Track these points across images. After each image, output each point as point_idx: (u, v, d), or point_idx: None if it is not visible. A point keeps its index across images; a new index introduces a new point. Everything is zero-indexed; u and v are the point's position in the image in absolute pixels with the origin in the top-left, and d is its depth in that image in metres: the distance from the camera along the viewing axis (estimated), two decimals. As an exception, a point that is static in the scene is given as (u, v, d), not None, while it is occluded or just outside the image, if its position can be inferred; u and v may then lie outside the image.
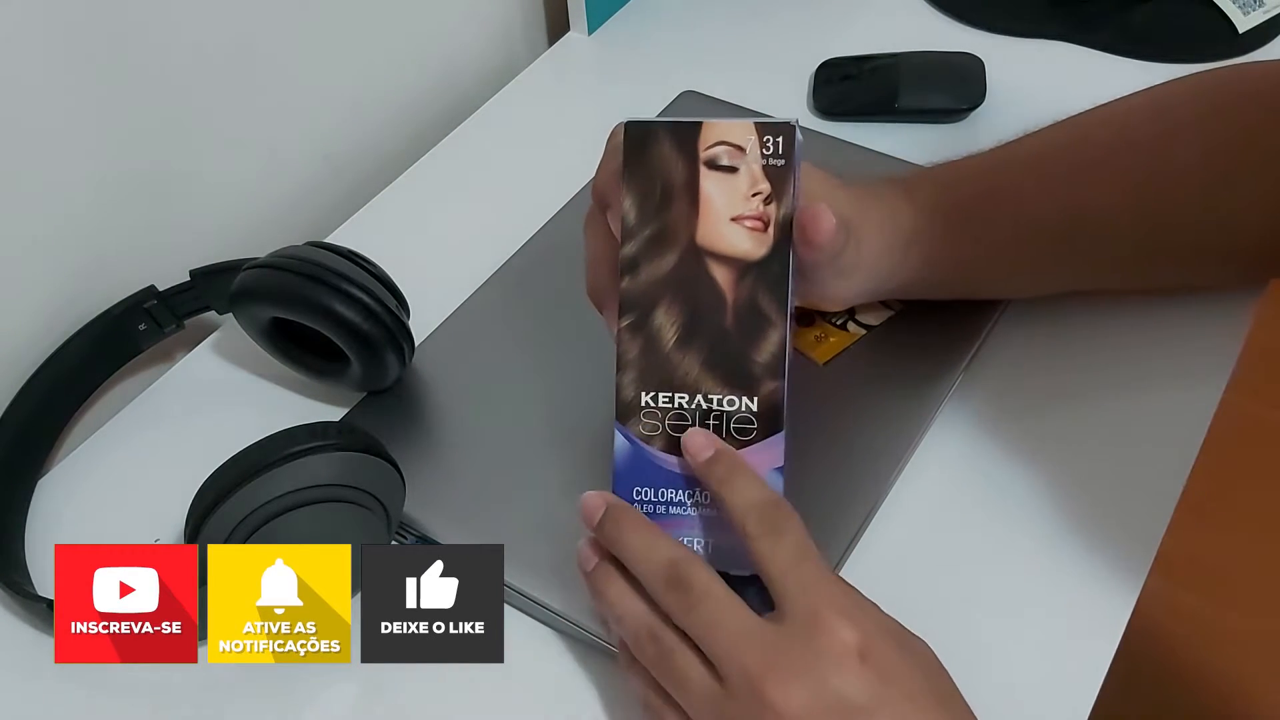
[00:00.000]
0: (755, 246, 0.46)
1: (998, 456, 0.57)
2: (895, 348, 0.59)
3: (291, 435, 0.49)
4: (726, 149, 0.46)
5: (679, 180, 0.47)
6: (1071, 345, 0.60)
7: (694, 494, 0.47)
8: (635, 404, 0.47)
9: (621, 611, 0.46)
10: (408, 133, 0.79)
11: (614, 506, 0.47)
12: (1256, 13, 0.78)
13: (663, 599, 0.44)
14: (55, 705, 0.51)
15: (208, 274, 0.61)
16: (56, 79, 0.57)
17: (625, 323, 0.47)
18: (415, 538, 0.54)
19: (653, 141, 0.47)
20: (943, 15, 0.82)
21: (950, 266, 0.56)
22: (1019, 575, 0.52)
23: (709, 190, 0.46)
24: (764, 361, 0.46)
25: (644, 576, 0.45)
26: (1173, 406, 0.58)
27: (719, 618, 0.43)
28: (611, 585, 0.46)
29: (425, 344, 0.61)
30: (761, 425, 0.46)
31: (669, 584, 0.44)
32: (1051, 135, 0.56)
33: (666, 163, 0.47)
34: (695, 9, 0.85)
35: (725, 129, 0.46)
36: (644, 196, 0.47)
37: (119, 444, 0.61)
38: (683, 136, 0.47)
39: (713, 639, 0.43)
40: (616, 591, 0.46)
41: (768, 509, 0.44)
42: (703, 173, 0.46)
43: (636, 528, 0.46)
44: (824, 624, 0.41)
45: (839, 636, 0.41)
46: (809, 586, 0.43)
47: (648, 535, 0.46)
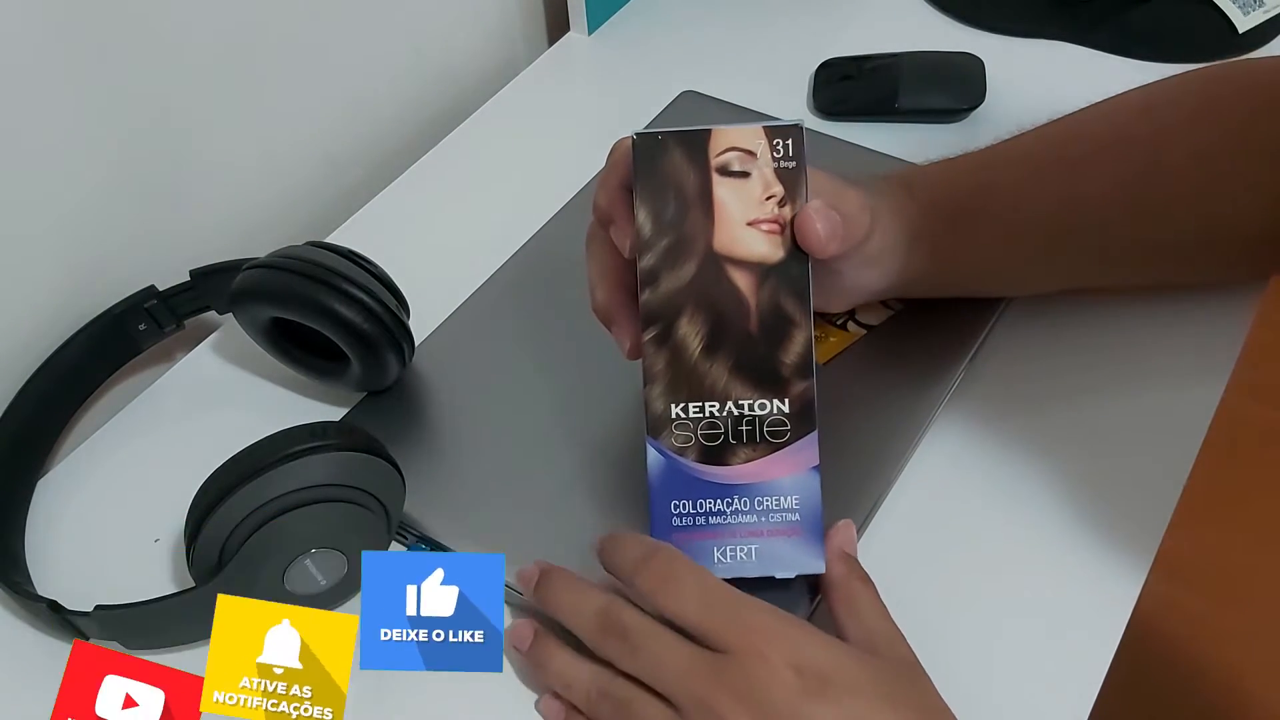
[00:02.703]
0: (773, 249, 0.46)
1: (998, 456, 0.57)
2: (895, 348, 0.59)
3: (291, 435, 0.49)
4: (737, 154, 0.46)
5: (692, 189, 0.46)
6: (1071, 345, 0.60)
7: (733, 502, 0.47)
8: (666, 416, 0.47)
9: (570, 678, 0.47)
10: (408, 133, 0.79)
11: (546, 570, 0.49)
12: (1256, 13, 0.78)
13: (603, 649, 0.46)
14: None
15: (208, 274, 0.61)
16: (56, 79, 0.57)
17: (649, 335, 0.47)
18: (415, 538, 0.54)
19: (662, 152, 0.47)
20: (943, 15, 0.82)
21: (950, 263, 0.56)
22: (1019, 575, 0.52)
23: (723, 197, 0.46)
24: (792, 362, 0.46)
25: (581, 630, 0.46)
26: (1173, 406, 0.58)
27: (661, 656, 0.44)
28: (554, 656, 0.48)
29: (425, 344, 0.61)
30: (795, 426, 0.47)
31: (605, 631, 0.46)
32: (1046, 132, 0.57)
33: (678, 172, 0.47)
34: (695, 9, 0.85)
35: (735, 135, 0.46)
36: (658, 208, 0.47)
37: (119, 444, 0.61)
38: (692, 145, 0.47)
39: (660, 676, 0.44)
40: (561, 661, 0.47)
41: (654, 563, 0.45)
42: (715, 180, 0.46)
43: (567, 585, 0.48)
44: (757, 653, 0.43)
45: (771, 662, 0.43)
46: (730, 621, 0.44)
47: (577, 589, 0.48)
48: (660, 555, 0.46)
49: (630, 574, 0.46)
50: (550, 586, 0.48)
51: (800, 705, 0.42)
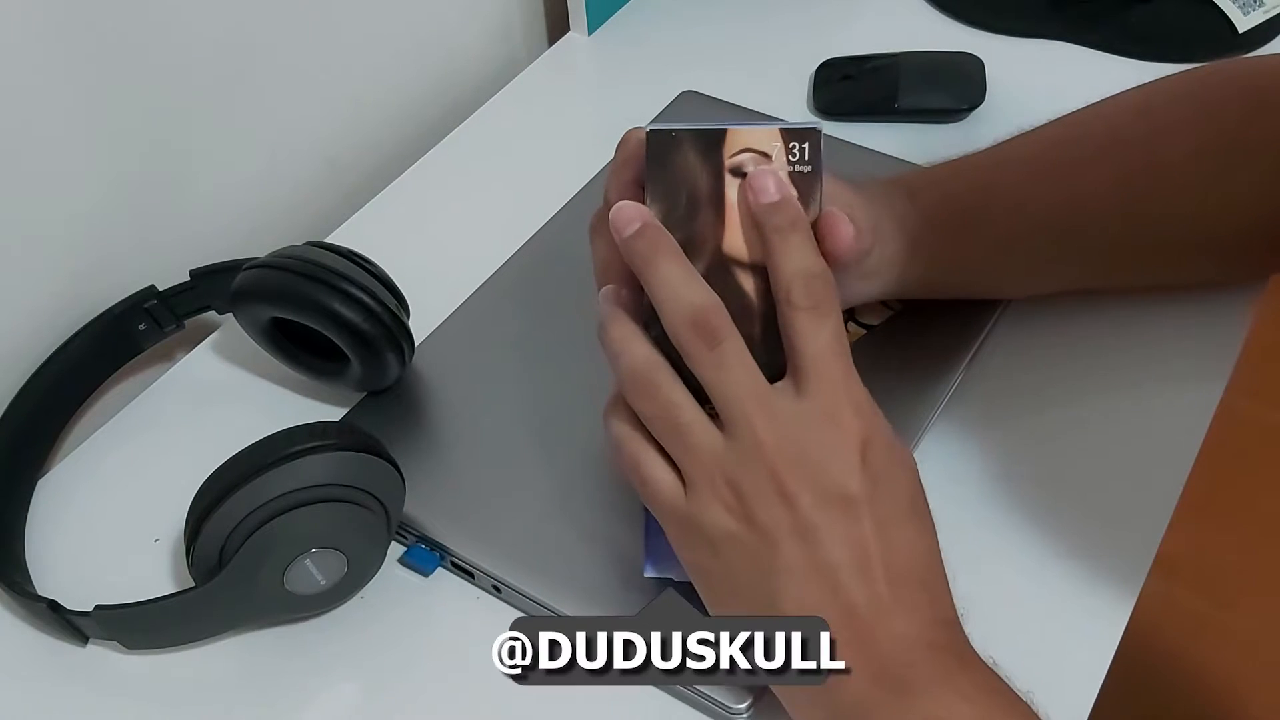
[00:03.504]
0: None
1: (997, 456, 0.57)
2: (895, 348, 0.59)
3: (291, 435, 0.49)
4: (752, 156, 0.46)
5: (704, 189, 0.46)
6: (1071, 345, 0.60)
7: None
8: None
9: (623, 346, 0.44)
10: (408, 133, 0.79)
11: (651, 225, 0.45)
12: (1256, 13, 0.78)
13: (682, 337, 0.43)
14: (56, 705, 0.51)
15: (208, 274, 0.61)
16: (57, 79, 0.57)
17: (653, 334, 0.46)
18: (415, 538, 0.54)
19: (676, 149, 0.46)
20: (943, 15, 0.82)
21: (952, 266, 0.56)
22: (1019, 575, 0.52)
23: (735, 199, 0.46)
24: None
25: (668, 308, 0.43)
26: (1173, 406, 0.58)
27: (740, 376, 0.43)
28: (618, 323, 0.45)
29: (425, 344, 0.61)
30: None
31: (696, 325, 0.43)
32: (1045, 133, 0.57)
33: (691, 171, 0.46)
34: (695, 9, 0.85)
35: (750, 136, 0.46)
36: (668, 206, 0.46)
37: (119, 444, 0.61)
38: (707, 144, 0.46)
39: (730, 394, 0.42)
40: (626, 328, 0.45)
41: (816, 283, 0.43)
42: (728, 181, 0.46)
43: (672, 256, 0.44)
44: (839, 420, 0.42)
45: (848, 434, 0.42)
46: (836, 379, 0.43)
47: (683, 269, 0.44)
48: (826, 278, 0.44)
49: (791, 275, 0.43)
50: (655, 247, 0.44)
51: (832, 500, 0.42)
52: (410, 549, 0.54)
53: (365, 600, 0.53)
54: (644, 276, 0.44)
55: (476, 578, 0.53)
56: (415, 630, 0.52)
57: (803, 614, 0.41)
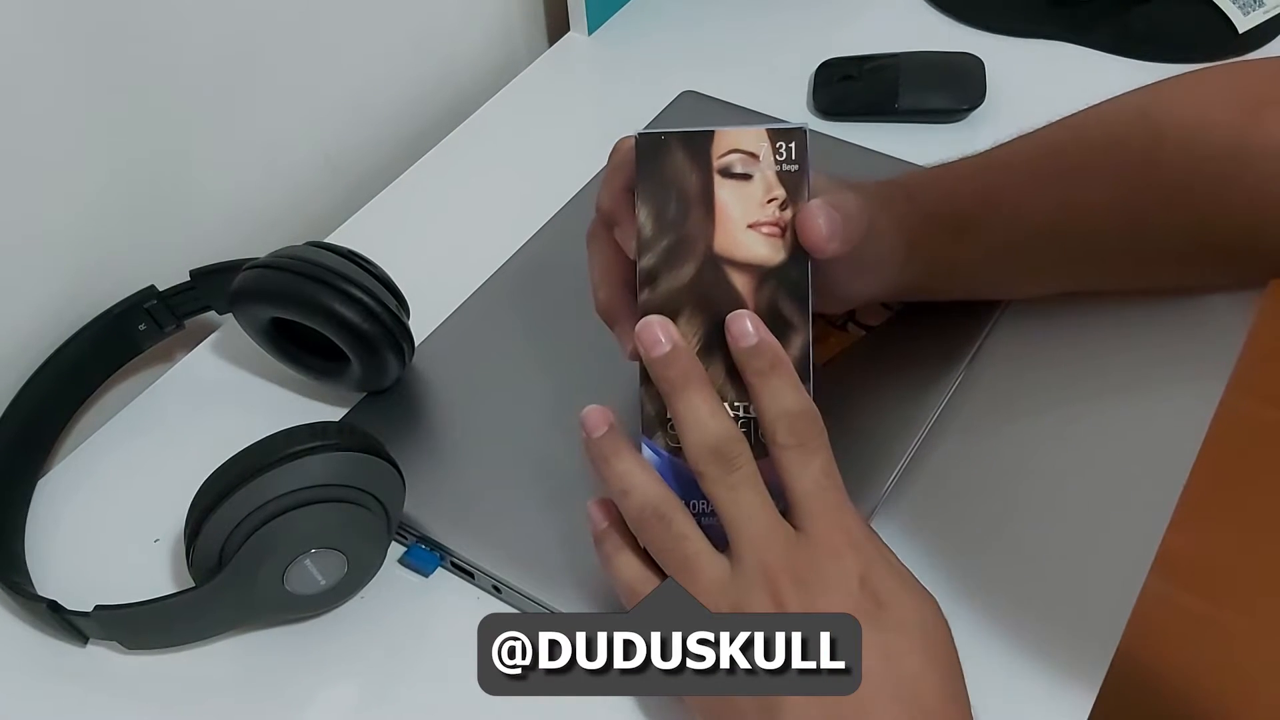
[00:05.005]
0: (773, 252, 0.46)
1: (997, 456, 0.57)
2: (895, 348, 0.59)
3: (291, 435, 0.49)
4: (740, 156, 0.46)
5: (694, 190, 0.46)
6: (1071, 345, 0.60)
7: None
8: (660, 416, 0.47)
9: (631, 484, 0.45)
10: (408, 133, 0.79)
11: (681, 351, 0.45)
12: (1256, 13, 0.78)
13: (702, 462, 0.44)
14: (56, 705, 0.51)
15: (208, 274, 0.61)
16: (57, 79, 0.57)
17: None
18: (415, 538, 0.54)
19: (665, 152, 0.47)
20: (943, 15, 0.82)
21: (950, 268, 0.56)
22: (1019, 575, 0.52)
23: (724, 199, 0.46)
24: None
25: (692, 436, 0.45)
26: (1173, 406, 0.58)
27: (751, 499, 0.44)
28: (621, 455, 0.46)
29: (425, 344, 0.61)
30: None
31: (716, 452, 0.44)
32: (1044, 136, 0.57)
33: (680, 173, 0.46)
34: (695, 9, 0.85)
35: (738, 137, 0.46)
36: (659, 208, 0.46)
37: (119, 444, 0.61)
38: (695, 146, 0.47)
39: (741, 515, 0.44)
40: (628, 462, 0.46)
41: (799, 422, 0.45)
42: (717, 181, 0.46)
43: (700, 385, 0.45)
44: (837, 552, 0.43)
45: (845, 564, 0.43)
46: (829, 513, 0.44)
47: (710, 401, 0.45)
48: (810, 415, 0.45)
49: (774, 416, 0.45)
50: (687, 378, 0.45)
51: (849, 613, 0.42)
52: (410, 549, 0.54)
53: (365, 600, 0.53)
54: (671, 400, 0.45)
55: (476, 578, 0.53)
56: (415, 630, 0.52)
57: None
